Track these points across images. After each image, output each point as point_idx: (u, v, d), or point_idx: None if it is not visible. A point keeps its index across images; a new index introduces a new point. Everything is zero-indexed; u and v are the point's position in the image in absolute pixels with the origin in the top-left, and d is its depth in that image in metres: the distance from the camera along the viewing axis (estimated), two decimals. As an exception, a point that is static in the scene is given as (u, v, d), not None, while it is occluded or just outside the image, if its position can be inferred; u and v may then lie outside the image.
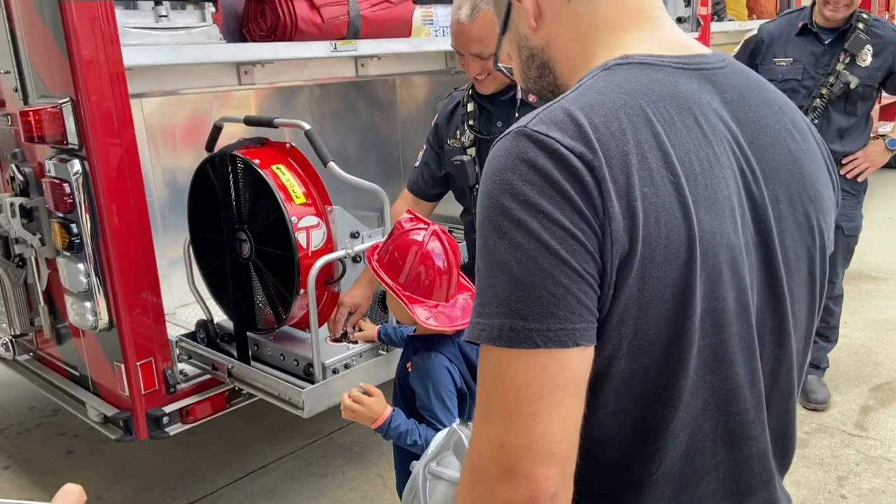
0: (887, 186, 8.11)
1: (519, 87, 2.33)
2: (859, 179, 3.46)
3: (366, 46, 3.16)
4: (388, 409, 1.86)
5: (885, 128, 5.46)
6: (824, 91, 3.35)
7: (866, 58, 3.28)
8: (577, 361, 0.80)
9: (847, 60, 3.31)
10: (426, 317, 1.85)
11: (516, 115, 2.33)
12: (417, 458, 1.84)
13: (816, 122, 3.38)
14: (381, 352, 2.39)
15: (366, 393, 1.89)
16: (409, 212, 1.97)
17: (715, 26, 4.79)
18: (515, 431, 0.79)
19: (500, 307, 0.79)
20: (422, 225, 1.91)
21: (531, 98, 2.31)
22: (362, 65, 3.41)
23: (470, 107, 2.45)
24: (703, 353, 0.86)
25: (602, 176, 0.78)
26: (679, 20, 4.59)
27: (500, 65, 1.14)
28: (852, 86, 3.30)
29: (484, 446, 0.82)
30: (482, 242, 0.82)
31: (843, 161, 3.43)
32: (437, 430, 1.86)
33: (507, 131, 0.84)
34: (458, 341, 1.96)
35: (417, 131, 4.26)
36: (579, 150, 0.78)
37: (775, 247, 0.90)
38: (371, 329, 2.37)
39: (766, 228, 0.90)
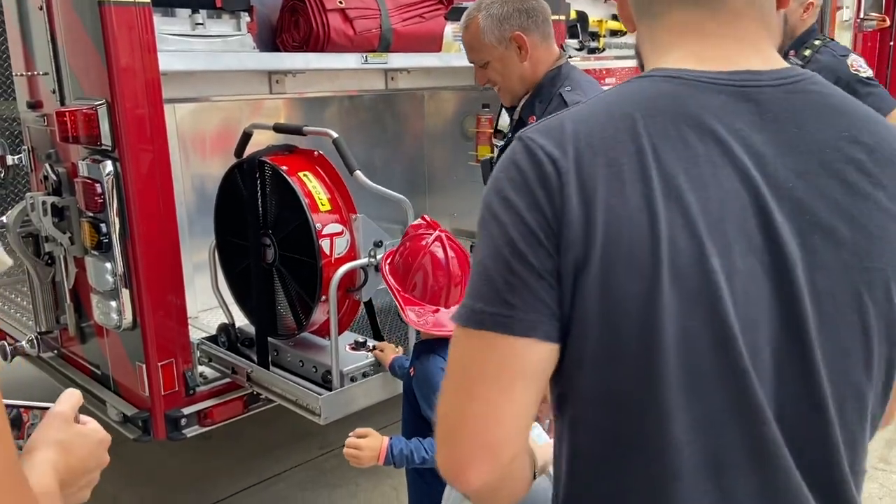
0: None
1: (521, 105, 2.31)
2: None
3: (396, 60, 3.19)
4: (385, 441, 1.86)
5: None
6: None
7: None
8: (528, 352, 0.83)
9: None
10: (416, 318, 1.87)
11: (510, 134, 2.34)
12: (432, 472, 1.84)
13: None
14: (399, 362, 2.39)
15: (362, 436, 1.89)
16: (422, 217, 1.99)
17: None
18: (455, 406, 0.86)
19: (470, 290, 0.86)
20: (431, 230, 1.94)
21: (531, 119, 2.32)
22: (392, 78, 3.44)
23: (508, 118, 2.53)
24: (684, 374, 0.82)
25: (566, 181, 0.81)
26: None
27: None
28: None
29: (437, 412, 0.90)
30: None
31: None
32: None
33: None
34: None
35: (444, 146, 4.29)
36: (555, 155, 0.82)
37: (798, 282, 0.83)
38: (388, 355, 2.36)
39: (784, 261, 0.83)
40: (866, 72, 3.20)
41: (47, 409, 0.95)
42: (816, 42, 3.28)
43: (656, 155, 0.81)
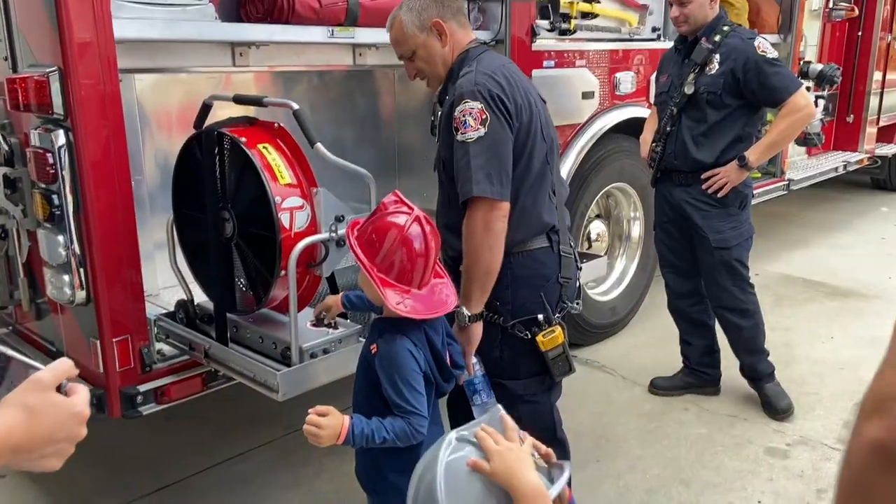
0: (881, 207, 8.12)
1: (439, 90, 2.45)
2: (719, 195, 3.47)
3: (364, 35, 3.14)
4: (346, 420, 1.81)
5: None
6: (676, 99, 3.52)
7: (714, 66, 3.41)
8: None
9: (696, 70, 3.45)
10: (396, 302, 1.82)
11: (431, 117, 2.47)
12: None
13: (672, 127, 3.53)
14: (360, 339, 2.36)
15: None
16: (394, 193, 1.95)
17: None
18: None
19: None
20: (405, 208, 1.89)
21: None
22: (360, 54, 3.38)
23: None
24: None
25: None
26: (653, 29, 4.71)
27: None
28: (687, 91, 3.44)
29: (875, 383, 0.77)
30: None
31: (703, 176, 3.49)
32: (406, 419, 1.83)
33: None
34: (423, 327, 1.93)
35: (416, 126, 4.24)
36: None
37: None
38: (334, 299, 2.32)
39: None
40: (772, 53, 3.41)
41: (35, 369, 0.99)
42: (725, 28, 3.46)
43: None
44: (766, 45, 3.39)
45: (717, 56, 3.39)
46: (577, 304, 2.48)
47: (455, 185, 2.21)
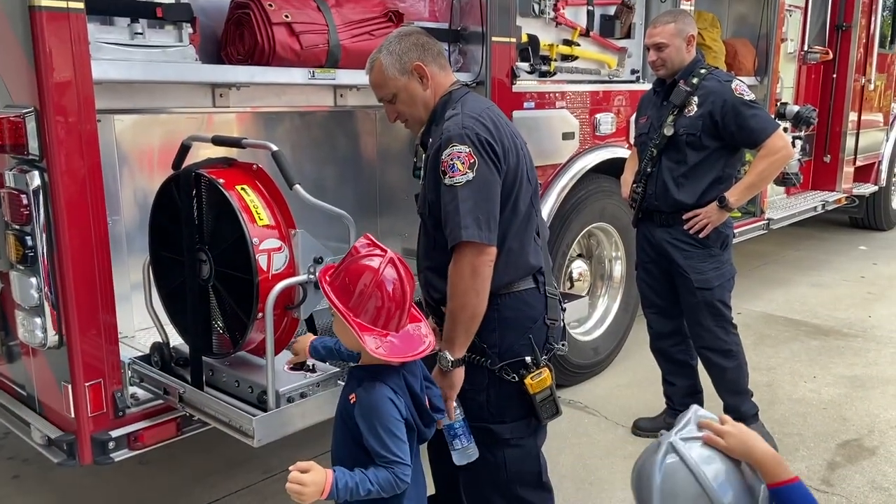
0: (859, 245, 8.22)
1: (421, 132, 2.42)
2: (700, 235, 3.49)
3: (344, 76, 3.15)
4: (329, 473, 1.77)
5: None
6: (656, 140, 3.55)
7: (692, 108, 3.45)
8: None
9: (675, 112, 3.49)
10: (376, 346, 1.79)
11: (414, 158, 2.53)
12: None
13: (652, 168, 3.56)
14: (339, 382, 2.32)
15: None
16: (365, 237, 1.93)
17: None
18: None
19: None
20: (378, 251, 1.87)
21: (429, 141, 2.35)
22: (341, 95, 3.40)
23: None
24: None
25: None
26: (632, 71, 4.79)
27: None
28: (667, 133, 3.47)
29: None
30: None
31: (685, 216, 3.51)
32: (390, 469, 1.79)
33: None
34: (402, 372, 1.90)
35: (397, 167, 4.25)
36: None
37: None
38: (303, 343, 2.29)
39: None
40: (749, 95, 3.44)
41: None
42: (702, 71, 3.51)
43: None
44: (743, 87, 3.44)
45: (696, 98, 3.43)
46: (563, 345, 2.46)
47: (441, 228, 2.19)
